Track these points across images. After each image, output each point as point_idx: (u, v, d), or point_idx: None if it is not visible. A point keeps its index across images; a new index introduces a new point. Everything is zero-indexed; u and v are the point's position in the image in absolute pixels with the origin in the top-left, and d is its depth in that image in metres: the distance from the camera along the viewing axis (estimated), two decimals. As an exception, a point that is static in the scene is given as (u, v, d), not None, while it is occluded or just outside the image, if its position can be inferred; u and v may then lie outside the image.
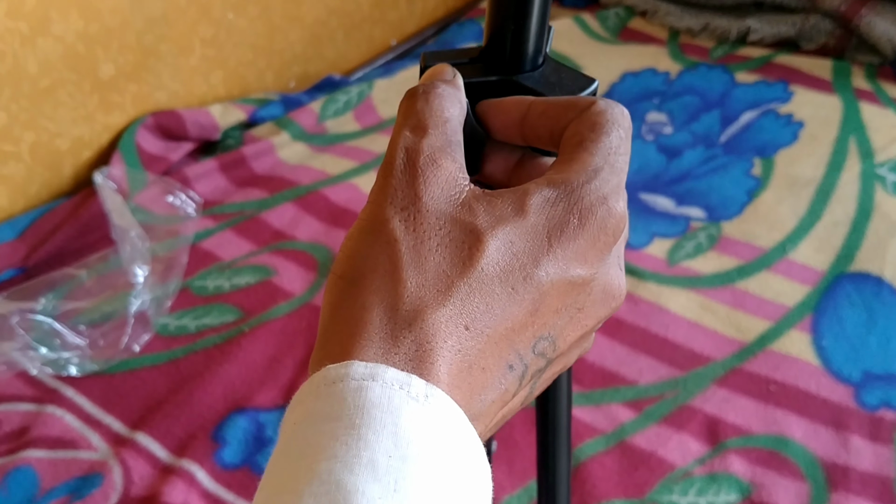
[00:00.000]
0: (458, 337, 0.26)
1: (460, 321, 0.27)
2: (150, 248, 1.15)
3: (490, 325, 0.27)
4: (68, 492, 0.94)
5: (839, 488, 0.91)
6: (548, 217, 0.29)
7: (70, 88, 1.31)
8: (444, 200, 0.29)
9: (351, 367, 0.25)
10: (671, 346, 1.09)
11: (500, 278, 0.28)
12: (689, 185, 1.36)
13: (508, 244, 0.28)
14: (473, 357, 0.27)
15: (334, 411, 0.24)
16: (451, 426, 0.25)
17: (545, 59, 0.38)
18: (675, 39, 1.76)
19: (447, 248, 0.28)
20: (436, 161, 0.29)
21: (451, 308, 0.27)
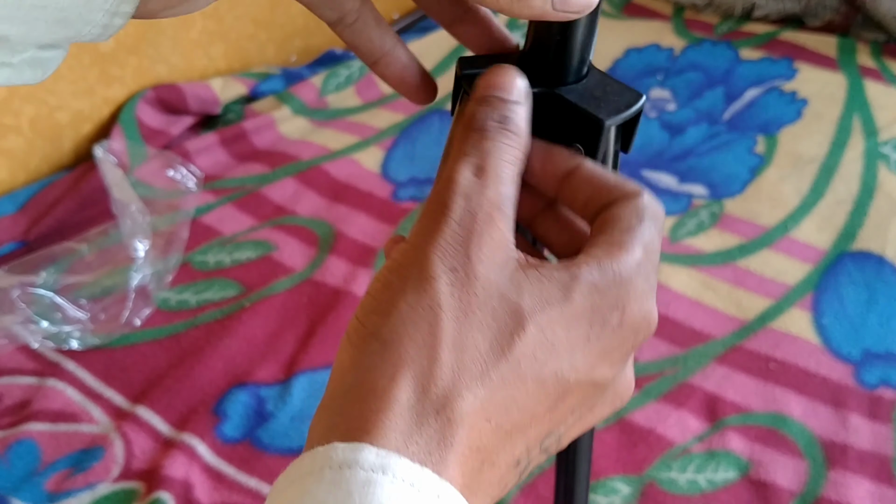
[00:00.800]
0: (481, 432, 0.24)
1: (484, 414, 0.25)
2: (150, 222, 1.15)
3: (510, 421, 0.25)
4: (70, 464, 0.95)
5: (837, 466, 0.92)
6: (592, 305, 0.27)
7: (70, 61, 1.31)
8: (494, 270, 0.26)
9: (361, 454, 0.22)
10: (671, 324, 1.09)
11: (533, 372, 0.26)
12: (691, 163, 1.36)
13: (550, 333, 0.26)
14: (487, 453, 0.25)
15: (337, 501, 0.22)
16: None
17: (590, 70, 0.36)
18: (680, 15, 1.75)
19: (489, 328, 0.26)
20: (493, 220, 0.27)
21: (482, 398, 0.24)
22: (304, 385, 1.02)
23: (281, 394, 1.01)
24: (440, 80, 1.52)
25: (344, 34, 0.37)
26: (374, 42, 0.37)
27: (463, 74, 0.36)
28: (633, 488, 0.91)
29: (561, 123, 0.35)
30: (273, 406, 1.00)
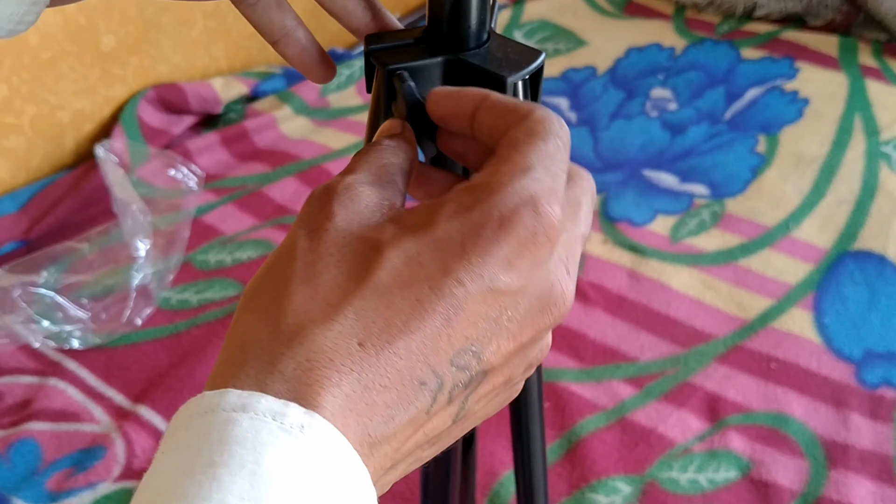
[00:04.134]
0: (350, 354, 0.24)
1: (353, 337, 0.24)
2: (151, 221, 1.15)
3: (391, 341, 0.25)
4: (71, 464, 0.95)
5: (838, 466, 0.91)
6: (461, 223, 0.26)
7: (71, 60, 1.31)
8: (356, 222, 0.27)
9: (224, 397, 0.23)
10: (673, 323, 1.09)
11: (402, 290, 0.25)
12: (693, 162, 1.36)
13: (414, 255, 0.26)
14: (371, 375, 0.24)
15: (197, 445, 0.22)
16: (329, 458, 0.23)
17: (490, 35, 0.37)
18: (681, 14, 1.74)
19: (346, 262, 0.26)
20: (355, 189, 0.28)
21: (342, 323, 0.24)
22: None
23: (282, 393, 1.01)
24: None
25: (246, 13, 0.38)
26: (274, 22, 0.38)
27: (370, 50, 0.38)
28: (634, 488, 0.91)
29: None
30: (274, 405, 1.00)
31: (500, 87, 0.35)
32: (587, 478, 0.92)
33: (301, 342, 0.24)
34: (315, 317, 0.25)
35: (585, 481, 0.92)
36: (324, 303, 0.25)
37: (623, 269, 1.17)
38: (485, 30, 0.37)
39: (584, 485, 0.91)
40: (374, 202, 0.28)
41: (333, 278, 0.25)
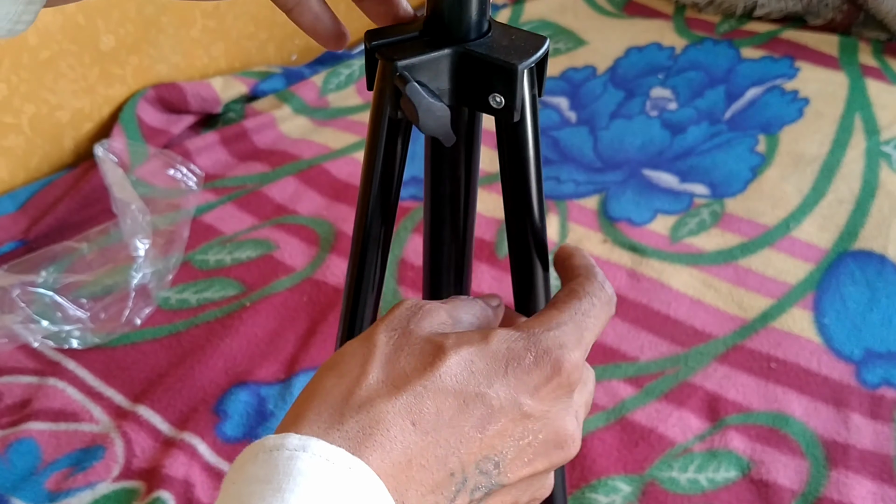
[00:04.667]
0: (403, 430, 0.29)
1: (408, 416, 0.29)
2: (151, 221, 1.15)
3: (437, 429, 0.30)
4: (70, 464, 0.95)
5: (839, 466, 0.91)
6: (507, 348, 0.32)
7: (70, 60, 1.30)
8: (428, 330, 0.33)
9: (287, 439, 0.28)
10: (672, 323, 1.09)
11: (455, 389, 0.31)
12: (692, 162, 1.35)
13: (468, 362, 0.32)
14: (415, 452, 0.29)
15: (265, 475, 0.27)
16: (369, 494, 0.27)
17: (491, 25, 0.38)
18: (681, 14, 1.74)
19: (415, 357, 0.32)
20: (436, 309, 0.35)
21: (402, 402, 0.30)
22: (304, 384, 1.02)
23: (282, 393, 1.01)
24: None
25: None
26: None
27: (373, 46, 0.39)
28: (633, 487, 0.91)
29: (478, 78, 0.37)
30: (274, 405, 1.00)
31: (510, 75, 0.36)
32: (587, 477, 0.92)
33: (368, 411, 0.29)
34: (383, 394, 0.30)
35: (585, 481, 0.92)
36: (392, 385, 0.30)
37: (623, 268, 1.17)
38: (485, 19, 0.38)
39: (584, 484, 0.91)
40: (448, 320, 0.34)
41: (402, 368, 0.31)
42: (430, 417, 0.30)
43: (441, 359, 0.31)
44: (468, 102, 0.39)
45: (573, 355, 0.33)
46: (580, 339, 0.34)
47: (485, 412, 0.31)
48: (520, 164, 0.40)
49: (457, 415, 0.30)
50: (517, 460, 0.32)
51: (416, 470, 0.29)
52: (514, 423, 0.31)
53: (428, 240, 0.47)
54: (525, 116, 0.38)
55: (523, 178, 0.41)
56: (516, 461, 0.32)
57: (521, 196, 0.41)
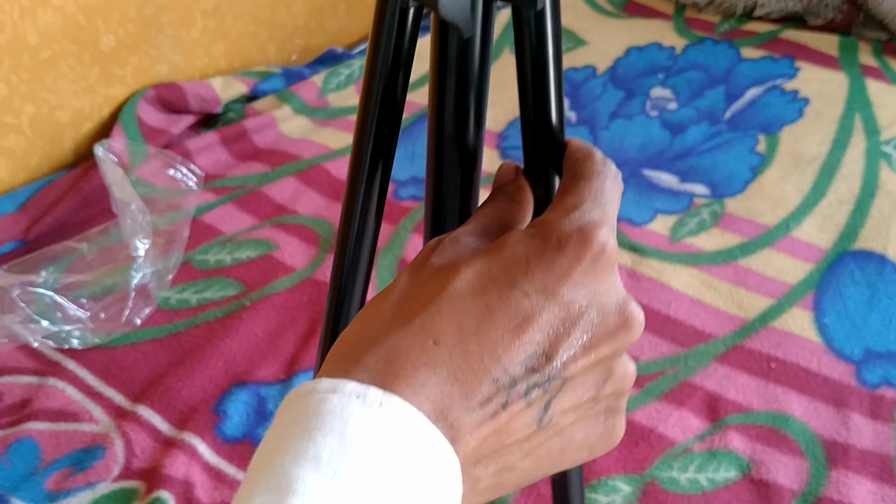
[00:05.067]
0: (425, 351, 0.28)
1: (428, 337, 0.29)
2: (151, 221, 1.15)
3: (463, 341, 0.29)
4: (70, 464, 0.95)
5: (839, 466, 0.91)
6: (526, 247, 0.31)
7: (70, 60, 1.30)
8: (449, 258, 0.32)
9: (319, 383, 0.28)
10: (672, 323, 1.09)
11: (474, 297, 0.30)
12: (692, 162, 1.35)
13: (484, 271, 0.30)
14: (446, 370, 0.28)
15: (298, 417, 0.27)
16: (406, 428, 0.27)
17: None
18: (681, 14, 1.74)
19: (428, 282, 0.31)
20: (458, 239, 0.33)
21: (417, 325, 0.29)
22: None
23: (282, 393, 1.01)
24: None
25: None
26: None
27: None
28: (633, 487, 0.91)
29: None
30: (274, 405, 1.00)
31: None
32: (587, 477, 0.92)
33: (383, 343, 0.29)
34: (397, 325, 0.29)
35: (585, 481, 0.92)
36: (407, 315, 0.30)
37: (623, 268, 1.17)
38: None
39: (585, 484, 0.91)
40: (473, 247, 0.33)
41: (416, 295, 0.30)
42: (451, 332, 0.29)
43: (454, 276, 0.30)
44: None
45: (602, 230, 0.31)
46: (604, 214, 0.32)
47: (515, 311, 0.29)
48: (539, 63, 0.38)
49: (482, 323, 0.29)
50: (571, 349, 0.30)
51: (452, 386, 0.28)
52: (552, 313, 0.30)
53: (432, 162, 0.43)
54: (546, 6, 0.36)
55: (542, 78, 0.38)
56: (570, 350, 0.30)
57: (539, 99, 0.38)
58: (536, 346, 0.29)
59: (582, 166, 0.34)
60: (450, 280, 0.30)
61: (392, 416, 0.27)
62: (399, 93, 0.40)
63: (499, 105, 1.50)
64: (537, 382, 0.29)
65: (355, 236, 0.44)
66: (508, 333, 0.29)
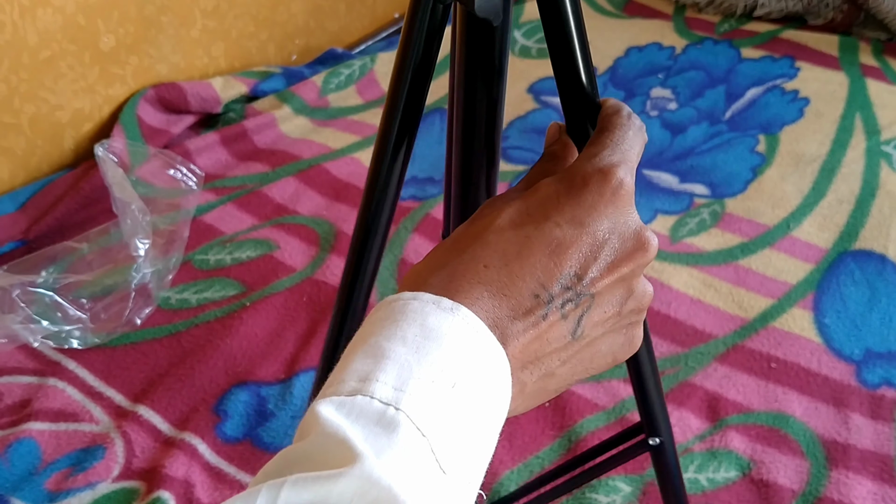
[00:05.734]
0: (477, 272, 0.35)
1: (479, 262, 0.35)
2: (151, 221, 1.15)
3: (507, 264, 0.35)
4: (70, 464, 0.95)
5: (839, 466, 0.91)
6: (556, 187, 0.37)
7: (70, 60, 1.30)
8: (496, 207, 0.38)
9: (403, 294, 0.34)
10: (673, 323, 1.09)
11: (514, 230, 0.36)
12: (692, 162, 1.35)
13: (521, 210, 0.37)
14: (495, 286, 0.35)
15: (388, 315, 0.34)
16: (470, 329, 0.33)
17: None
18: (681, 14, 1.74)
19: (477, 220, 0.38)
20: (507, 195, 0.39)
21: (469, 254, 0.35)
22: (305, 384, 1.02)
23: (282, 393, 1.01)
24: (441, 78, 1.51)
25: None
26: None
27: None
28: (634, 487, 0.90)
29: None
30: (274, 405, 1.00)
31: None
32: (587, 478, 0.92)
33: (444, 268, 0.35)
34: (454, 255, 0.36)
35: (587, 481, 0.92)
36: (462, 246, 0.36)
37: (623, 268, 1.17)
38: None
39: (585, 485, 0.91)
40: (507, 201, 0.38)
41: (468, 233, 0.37)
42: (497, 257, 0.35)
43: (497, 215, 0.37)
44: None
45: (619, 169, 0.37)
46: (623, 157, 0.38)
47: (549, 239, 0.35)
48: (564, 38, 0.42)
49: (523, 249, 0.35)
50: (597, 269, 0.36)
51: (500, 300, 0.34)
52: (581, 240, 0.35)
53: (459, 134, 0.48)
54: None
55: (569, 50, 0.43)
56: (597, 270, 0.36)
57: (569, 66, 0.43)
58: (569, 267, 0.35)
59: (609, 121, 0.40)
60: (494, 218, 0.36)
61: (459, 318, 0.33)
62: (426, 85, 0.45)
63: (499, 105, 1.50)
64: (570, 298, 0.35)
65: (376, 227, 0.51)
66: (545, 258, 0.35)
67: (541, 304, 0.35)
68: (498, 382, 0.33)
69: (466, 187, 0.49)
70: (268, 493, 0.28)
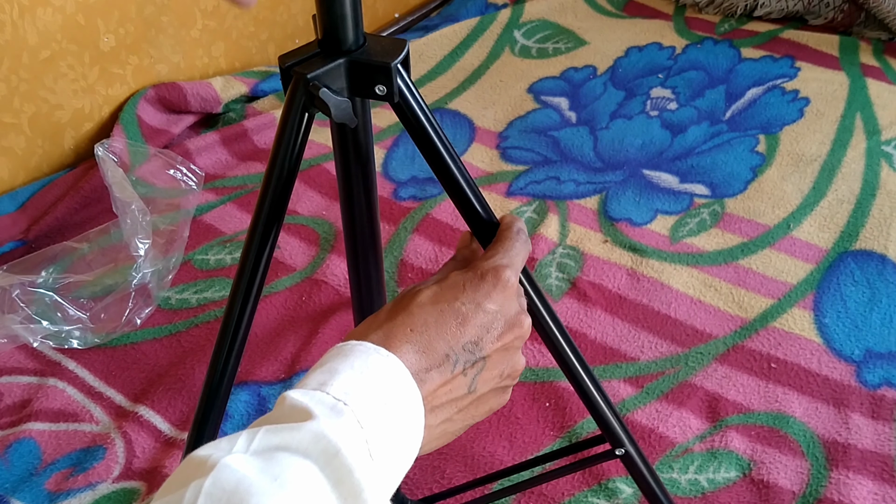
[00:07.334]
0: (406, 334, 0.46)
1: (407, 327, 0.47)
2: (151, 221, 1.15)
3: (427, 331, 0.47)
4: (70, 464, 0.95)
5: (839, 466, 0.91)
6: (462, 277, 0.50)
7: (70, 60, 1.30)
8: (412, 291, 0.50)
9: (350, 339, 0.46)
10: (673, 323, 1.09)
11: (432, 305, 0.48)
12: (692, 162, 1.35)
13: (437, 292, 0.49)
14: (418, 346, 0.46)
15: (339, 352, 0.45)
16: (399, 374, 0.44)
17: (366, 37, 0.53)
18: (681, 14, 1.74)
19: (400, 303, 0.49)
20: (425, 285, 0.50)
21: (400, 320, 0.47)
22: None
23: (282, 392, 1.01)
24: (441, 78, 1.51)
25: None
26: None
27: (287, 66, 0.52)
28: (634, 489, 0.90)
29: (367, 77, 0.52)
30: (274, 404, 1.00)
31: (387, 71, 0.51)
32: (589, 481, 0.92)
33: (380, 329, 0.47)
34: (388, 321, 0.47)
35: (587, 484, 0.92)
36: (394, 314, 0.48)
37: (623, 268, 1.17)
38: (361, 35, 0.52)
39: (586, 487, 0.91)
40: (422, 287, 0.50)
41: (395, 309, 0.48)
42: (420, 324, 0.47)
43: (419, 293, 0.49)
44: (360, 94, 0.54)
45: (507, 270, 0.50)
46: (511, 261, 0.51)
47: (458, 315, 0.48)
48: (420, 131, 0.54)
49: (438, 320, 0.47)
50: (489, 339, 0.48)
51: (421, 357, 0.46)
52: (479, 317, 0.48)
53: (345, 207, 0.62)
54: (405, 96, 0.53)
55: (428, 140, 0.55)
56: (489, 339, 0.48)
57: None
58: (470, 336, 0.48)
59: (503, 234, 0.55)
60: (417, 295, 0.48)
61: (391, 362, 0.44)
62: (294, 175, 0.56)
63: (499, 105, 1.50)
64: (469, 359, 0.48)
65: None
66: (454, 328, 0.47)
67: (449, 361, 0.47)
68: (414, 416, 0.44)
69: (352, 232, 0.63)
70: (247, 436, 0.39)
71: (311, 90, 0.50)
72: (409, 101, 0.54)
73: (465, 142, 1.43)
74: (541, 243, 1.21)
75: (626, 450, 0.68)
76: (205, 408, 0.63)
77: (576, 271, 1.16)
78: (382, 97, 0.52)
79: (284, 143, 0.54)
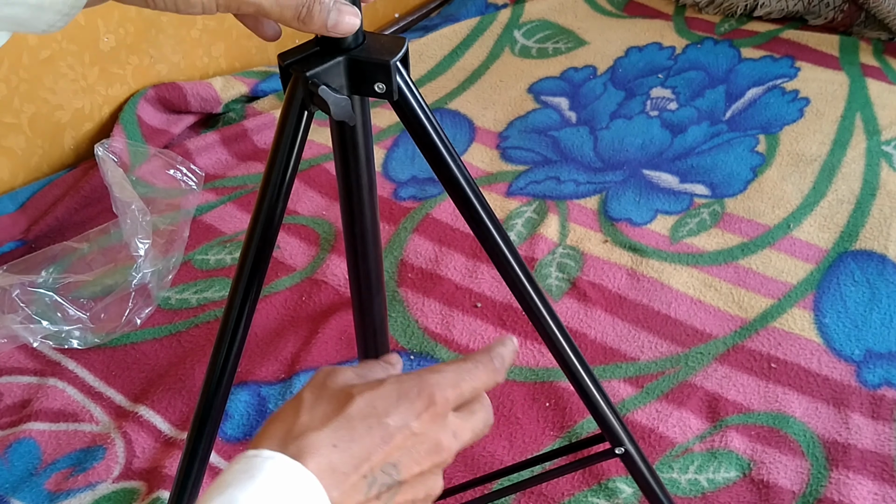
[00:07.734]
0: (328, 450, 0.43)
1: (330, 441, 0.44)
2: (151, 221, 1.15)
3: (352, 448, 0.44)
4: (70, 464, 0.95)
5: (839, 466, 0.91)
6: (399, 386, 0.47)
7: (70, 60, 1.30)
8: (341, 383, 0.48)
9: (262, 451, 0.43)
10: (673, 323, 1.09)
11: (361, 420, 0.45)
12: (692, 162, 1.35)
13: (370, 400, 0.46)
14: (337, 464, 0.43)
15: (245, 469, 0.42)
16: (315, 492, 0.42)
17: (365, 35, 0.53)
18: (681, 14, 1.74)
19: (332, 402, 0.46)
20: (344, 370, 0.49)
21: (326, 433, 0.44)
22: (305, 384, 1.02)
23: (282, 392, 1.01)
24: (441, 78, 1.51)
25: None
26: None
27: (287, 63, 0.52)
28: (634, 489, 0.90)
29: (366, 75, 0.52)
30: (274, 405, 1.00)
31: (386, 69, 0.51)
32: (589, 481, 0.92)
33: (302, 439, 0.44)
34: (311, 429, 0.44)
35: (587, 484, 0.92)
36: (318, 422, 0.45)
37: (623, 268, 1.17)
38: (361, 33, 0.52)
39: (586, 487, 0.91)
40: (355, 377, 0.49)
41: (324, 410, 0.45)
42: (345, 440, 0.44)
43: (351, 401, 0.45)
44: (359, 92, 0.53)
45: (446, 393, 0.47)
46: (456, 384, 0.48)
47: (384, 433, 0.45)
48: (420, 129, 0.54)
49: (364, 436, 0.44)
50: (409, 463, 0.46)
51: (339, 475, 0.43)
52: (405, 438, 0.45)
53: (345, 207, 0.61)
54: (404, 94, 0.53)
55: (428, 138, 0.55)
56: (409, 464, 0.46)
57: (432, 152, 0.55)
58: (392, 458, 0.45)
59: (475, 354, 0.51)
60: (348, 403, 0.45)
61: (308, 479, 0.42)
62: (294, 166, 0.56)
63: (499, 105, 1.50)
64: (387, 482, 0.45)
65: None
66: (377, 447, 0.45)
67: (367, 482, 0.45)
68: None
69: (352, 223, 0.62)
70: None
71: (311, 88, 0.51)
72: (409, 100, 0.54)
73: (465, 142, 1.43)
74: (541, 243, 1.21)
75: (625, 449, 0.68)
76: (204, 408, 0.62)
77: (576, 271, 1.16)
78: (382, 95, 0.52)
79: (284, 141, 0.54)
